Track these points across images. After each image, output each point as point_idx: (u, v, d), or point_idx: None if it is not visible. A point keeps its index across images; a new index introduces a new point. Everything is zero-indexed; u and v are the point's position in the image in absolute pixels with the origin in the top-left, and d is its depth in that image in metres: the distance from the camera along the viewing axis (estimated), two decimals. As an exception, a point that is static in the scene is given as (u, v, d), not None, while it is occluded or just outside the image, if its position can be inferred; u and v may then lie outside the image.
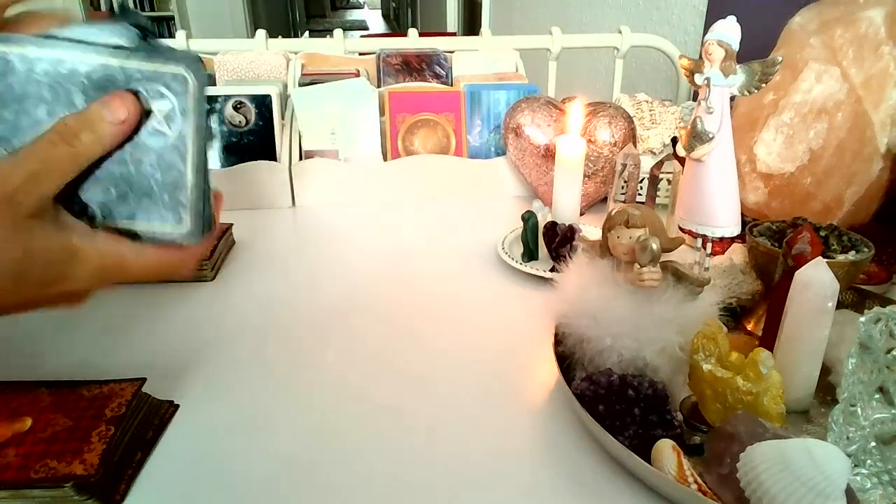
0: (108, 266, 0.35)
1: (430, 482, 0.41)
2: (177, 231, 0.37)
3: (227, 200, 0.93)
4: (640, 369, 0.45)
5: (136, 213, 0.36)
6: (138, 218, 0.36)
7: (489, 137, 0.95)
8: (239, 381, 0.52)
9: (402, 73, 1.01)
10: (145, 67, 0.34)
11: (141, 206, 0.36)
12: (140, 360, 0.54)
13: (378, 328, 0.60)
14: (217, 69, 0.96)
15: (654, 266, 0.43)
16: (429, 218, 0.87)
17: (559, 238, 0.68)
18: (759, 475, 0.35)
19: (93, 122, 0.33)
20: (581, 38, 1.15)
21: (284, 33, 7.99)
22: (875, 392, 0.40)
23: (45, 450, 0.38)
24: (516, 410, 0.48)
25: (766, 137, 0.69)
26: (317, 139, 0.90)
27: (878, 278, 0.63)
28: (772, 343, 0.47)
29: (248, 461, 0.43)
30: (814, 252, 0.46)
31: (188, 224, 0.37)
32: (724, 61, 0.50)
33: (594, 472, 0.42)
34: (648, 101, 0.93)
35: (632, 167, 0.73)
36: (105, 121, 0.33)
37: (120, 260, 0.36)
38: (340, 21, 11.09)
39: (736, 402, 0.41)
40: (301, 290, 0.67)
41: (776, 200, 0.70)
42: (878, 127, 0.64)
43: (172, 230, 0.37)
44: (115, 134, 0.34)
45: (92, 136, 0.33)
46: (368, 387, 0.51)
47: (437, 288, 0.68)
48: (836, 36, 0.65)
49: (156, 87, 0.34)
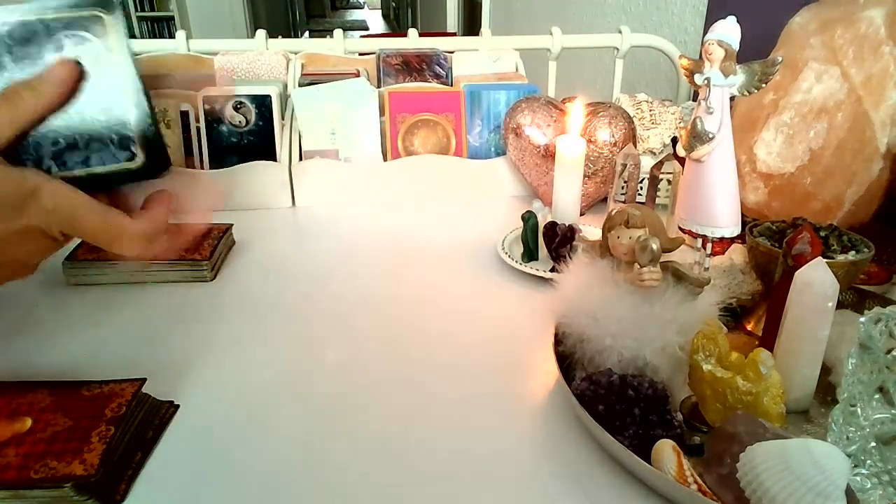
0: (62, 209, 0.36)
1: (429, 482, 0.41)
2: (132, 165, 0.38)
3: (226, 200, 0.94)
4: (640, 369, 0.45)
5: (90, 157, 0.37)
6: (93, 163, 0.37)
7: (489, 137, 0.95)
8: (239, 380, 0.52)
9: (402, 73, 1.01)
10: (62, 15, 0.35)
11: (92, 151, 0.37)
12: (140, 360, 0.54)
13: (378, 328, 0.60)
14: (217, 69, 0.96)
15: (654, 266, 0.43)
16: (429, 218, 0.87)
17: (559, 238, 0.68)
18: (759, 475, 0.35)
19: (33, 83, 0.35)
20: (581, 38, 1.15)
21: (284, 33, 7.99)
22: (875, 392, 0.40)
23: (45, 450, 0.38)
24: (516, 410, 0.48)
25: (766, 137, 0.69)
26: (317, 139, 0.90)
27: (878, 278, 0.63)
28: (772, 343, 0.47)
29: (248, 461, 0.43)
30: (814, 252, 0.46)
31: (142, 156, 0.38)
32: (724, 61, 0.50)
33: (594, 473, 0.42)
34: (648, 101, 0.93)
35: (632, 167, 0.73)
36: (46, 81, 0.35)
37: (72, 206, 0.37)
38: (340, 21, 11.09)
39: (736, 402, 0.41)
40: (301, 289, 0.67)
41: (776, 200, 0.70)
42: (878, 127, 0.64)
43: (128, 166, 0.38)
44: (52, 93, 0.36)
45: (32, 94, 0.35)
46: (368, 386, 0.51)
47: (437, 288, 0.68)
48: (836, 36, 0.65)
49: (77, 34, 0.35)
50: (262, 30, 1.06)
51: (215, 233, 0.72)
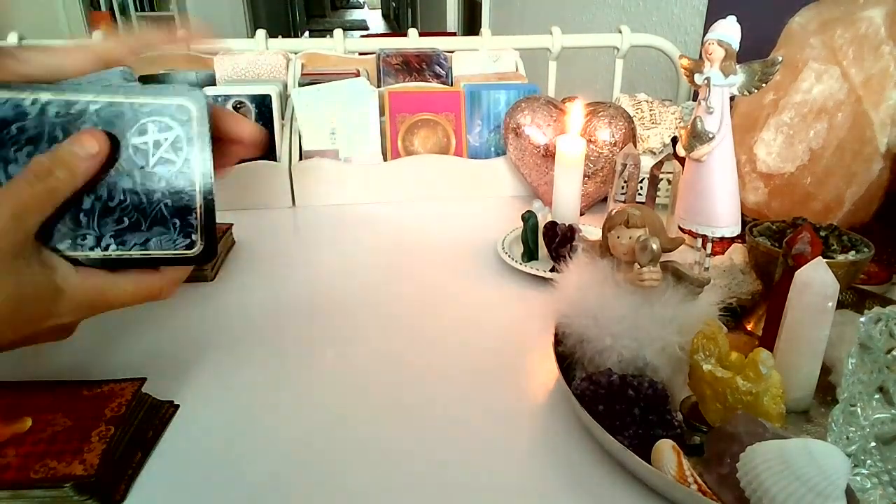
0: (90, 299, 0.37)
1: (429, 481, 0.41)
2: (190, 253, 0.39)
3: (226, 200, 0.94)
4: (640, 369, 0.45)
5: (150, 239, 0.38)
6: (152, 245, 0.38)
7: (489, 137, 0.95)
8: (239, 380, 0.52)
9: (402, 73, 1.01)
10: (151, 101, 0.36)
11: (154, 233, 0.38)
12: (140, 360, 0.54)
13: (378, 328, 0.60)
14: (217, 69, 0.96)
15: (654, 266, 0.43)
16: (429, 218, 0.87)
17: (559, 238, 0.68)
18: (759, 475, 0.35)
19: (65, 159, 0.34)
20: (581, 38, 1.15)
21: (284, 33, 7.99)
22: (875, 392, 0.40)
23: (45, 450, 0.38)
24: (516, 410, 0.48)
25: (766, 137, 0.69)
26: (317, 139, 0.90)
27: (878, 278, 0.63)
28: (772, 343, 0.47)
29: (248, 461, 0.43)
30: (814, 252, 0.46)
31: (200, 245, 0.39)
32: (724, 61, 0.50)
33: (594, 472, 0.42)
34: (648, 101, 0.93)
35: (632, 167, 0.73)
36: (77, 156, 0.34)
37: (100, 293, 0.37)
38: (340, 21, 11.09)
39: (736, 402, 0.41)
40: (301, 289, 0.67)
41: (776, 200, 0.70)
42: (878, 127, 0.64)
43: (185, 253, 0.39)
44: (87, 168, 0.35)
45: (65, 171, 0.34)
46: (368, 386, 0.51)
47: (436, 288, 0.68)
48: (836, 36, 0.65)
49: (162, 119, 0.36)
50: (262, 30, 1.06)
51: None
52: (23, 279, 0.33)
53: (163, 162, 0.37)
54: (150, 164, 0.36)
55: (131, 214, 0.37)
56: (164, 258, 0.38)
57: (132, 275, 0.38)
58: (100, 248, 0.37)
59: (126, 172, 0.36)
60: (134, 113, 0.36)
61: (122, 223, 0.37)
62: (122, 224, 0.37)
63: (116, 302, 0.38)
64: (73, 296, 0.36)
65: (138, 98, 0.36)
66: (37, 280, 0.34)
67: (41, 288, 0.34)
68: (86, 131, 0.35)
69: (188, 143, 0.36)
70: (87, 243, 0.37)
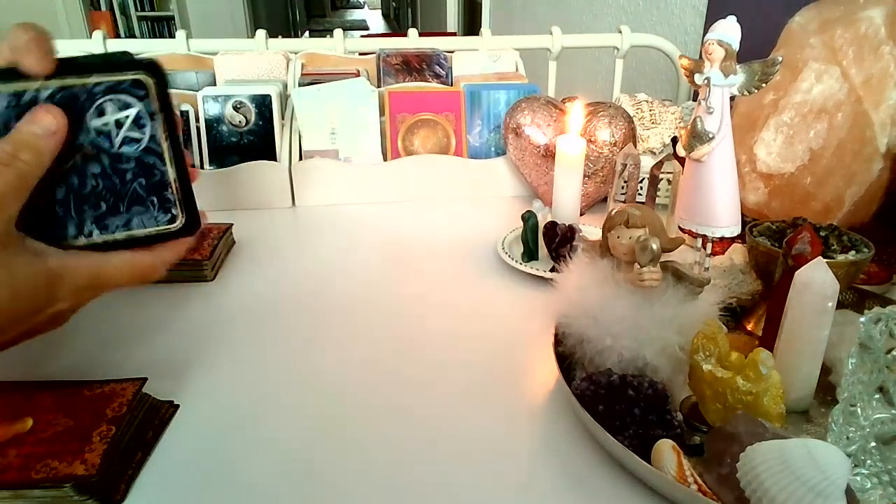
0: (87, 281, 0.36)
1: (429, 482, 0.41)
2: (173, 227, 0.39)
3: (227, 200, 0.94)
4: (640, 369, 0.45)
5: (132, 220, 0.37)
6: (134, 225, 0.38)
7: (489, 137, 0.95)
8: (239, 381, 0.52)
9: (402, 73, 1.01)
10: (105, 79, 0.35)
11: (133, 213, 0.37)
12: (140, 360, 0.54)
13: (378, 328, 0.60)
14: (217, 69, 0.96)
15: (654, 266, 0.43)
16: (429, 218, 0.87)
17: (559, 238, 0.68)
18: (759, 475, 0.35)
19: (26, 140, 0.34)
20: (581, 38, 1.15)
21: (284, 33, 7.99)
22: (875, 392, 0.40)
23: (46, 450, 0.38)
24: (516, 410, 0.48)
25: (766, 137, 0.69)
26: (317, 139, 0.90)
27: (878, 278, 0.63)
28: (772, 343, 0.47)
29: (248, 461, 0.43)
30: (814, 252, 0.46)
31: (181, 218, 0.39)
32: (724, 61, 0.50)
33: (594, 473, 0.42)
34: (648, 101, 0.93)
35: (632, 167, 0.73)
36: (36, 135, 0.34)
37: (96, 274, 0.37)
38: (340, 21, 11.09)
39: (736, 402, 0.41)
40: (301, 289, 0.67)
41: (776, 200, 0.70)
42: (878, 127, 0.64)
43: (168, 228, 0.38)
44: (50, 145, 0.34)
45: (29, 152, 0.34)
46: (368, 386, 0.51)
47: (437, 288, 0.68)
48: (836, 36, 0.65)
49: (120, 98, 0.35)
50: (262, 30, 1.07)
51: (215, 233, 0.72)
52: (15, 269, 0.33)
53: (128, 141, 0.36)
54: (116, 145, 0.36)
55: (107, 198, 0.36)
56: (149, 236, 0.38)
57: (124, 254, 0.38)
58: (83, 235, 0.37)
59: (92, 157, 0.36)
60: (88, 94, 0.34)
61: (99, 208, 0.37)
62: (100, 209, 0.37)
63: (112, 281, 0.38)
64: (71, 279, 0.36)
65: (90, 78, 0.34)
66: (29, 269, 0.34)
67: (36, 276, 0.34)
68: (39, 107, 0.34)
69: (150, 118, 0.36)
70: (70, 233, 0.36)
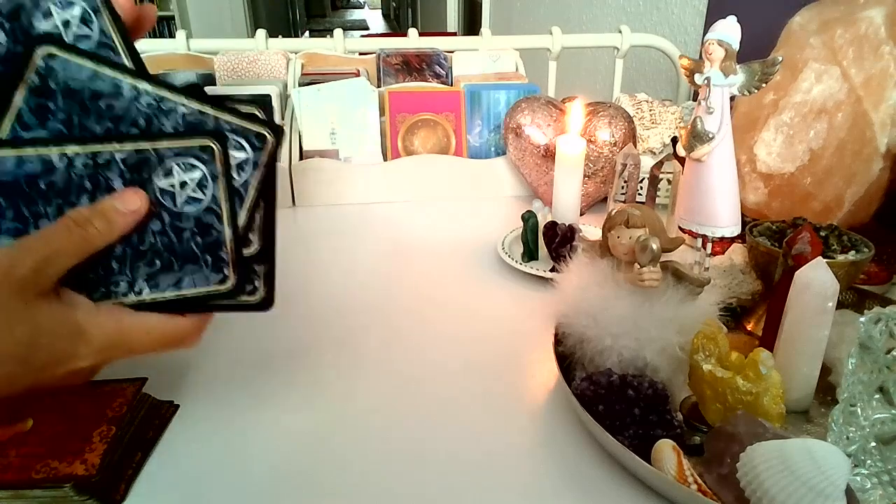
0: (112, 340, 0.36)
1: (429, 482, 0.41)
2: (223, 288, 0.39)
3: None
4: (640, 369, 0.45)
5: (183, 279, 0.38)
6: (184, 284, 0.38)
7: (489, 137, 0.95)
8: (239, 381, 0.52)
9: (402, 73, 1.01)
10: (175, 144, 0.36)
11: (186, 272, 0.38)
12: (140, 359, 0.54)
13: (377, 327, 0.60)
14: (217, 69, 0.96)
15: (654, 266, 0.43)
16: (429, 218, 0.87)
17: (559, 238, 0.68)
18: (759, 475, 0.35)
19: (105, 211, 0.35)
20: (581, 38, 1.15)
21: (284, 33, 7.98)
22: (875, 392, 0.40)
23: (46, 450, 0.38)
24: (516, 410, 0.48)
25: (766, 137, 0.69)
26: (317, 139, 0.90)
27: (878, 278, 0.63)
28: (772, 343, 0.47)
29: (248, 461, 0.43)
30: (814, 252, 0.46)
31: (232, 279, 0.39)
32: (724, 61, 0.50)
33: (594, 473, 0.42)
34: (648, 101, 0.93)
35: (632, 167, 0.73)
36: (118, 210, 0.35)
37: (124, 335, 0.36)
38: (340, 21, 11.08)
39: (736, 402, 0.41)
40: (301, 289, 0.67)
41: (776, 200, 0.70)
42: (878, 127, 0.64)
43: (219, 288, 0.39)
44: (126, 223, 0.35)
45: (103, 223, 0.35)
46: (368, 386, 0.51)
47: (436, 288, 0.68)
48: (836, 36, 0.65)
49: (187, 161, 0.36)
50: (262, 29, 1.06)
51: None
52: (42, 319, 0.33)
53: (190, 201, 0.37)
54: (179, 205, 0.37)
55: (163, 255, 0.37)
56: (199, 297, 0.38)
57: (159, 317, 0.37)
58: (133, 292, 0.37)
59: (155, 215, 0.37)
60: (158, 157, 0.36)
61: (153, 265, 0.37)
62: (155, 266, 0.37)
63: (138, 346, 0.37)
64: (95, 335, 0.35)
65: (162, 143, 0.36)
66: (54, 317, 0.34)
67: (60, 325, 0.34)
68: (128, 189, 0.36)
69: (213, 180, 0.37)
70: (120, 290, 0.37)
